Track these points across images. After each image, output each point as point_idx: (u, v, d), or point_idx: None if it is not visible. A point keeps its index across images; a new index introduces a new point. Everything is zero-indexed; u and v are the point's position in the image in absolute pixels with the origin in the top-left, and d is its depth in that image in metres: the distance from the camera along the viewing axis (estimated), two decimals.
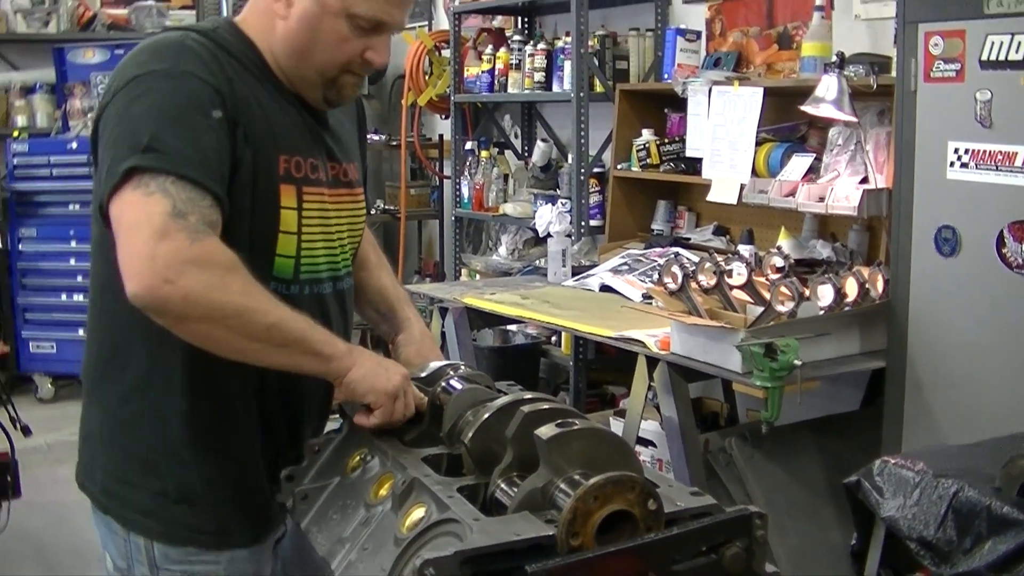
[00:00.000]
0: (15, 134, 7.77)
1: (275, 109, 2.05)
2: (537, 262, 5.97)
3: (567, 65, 5.75)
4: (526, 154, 6.75)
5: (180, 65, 1.91)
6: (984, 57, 3.34)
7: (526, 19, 6.71)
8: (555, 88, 5.96)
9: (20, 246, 7.57)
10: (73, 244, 7.36)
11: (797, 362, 3.37)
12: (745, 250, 4.57)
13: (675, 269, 3.83)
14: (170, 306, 1.79)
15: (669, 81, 5.22)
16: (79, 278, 7.27)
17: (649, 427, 4.23)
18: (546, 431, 1.66)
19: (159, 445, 2.05)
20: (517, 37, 6.30)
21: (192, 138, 1.86)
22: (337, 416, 2.16)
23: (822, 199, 4.27)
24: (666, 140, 5.32)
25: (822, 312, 3.65)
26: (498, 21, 6.93)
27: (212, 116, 1.90)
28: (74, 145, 7.40)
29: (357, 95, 2.25)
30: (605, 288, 4.84)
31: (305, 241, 2.08)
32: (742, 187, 4.64)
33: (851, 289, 3.70)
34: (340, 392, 1.98)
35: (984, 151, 3.37)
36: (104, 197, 1.85)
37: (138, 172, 1.81)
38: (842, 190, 4.20)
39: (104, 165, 1.87)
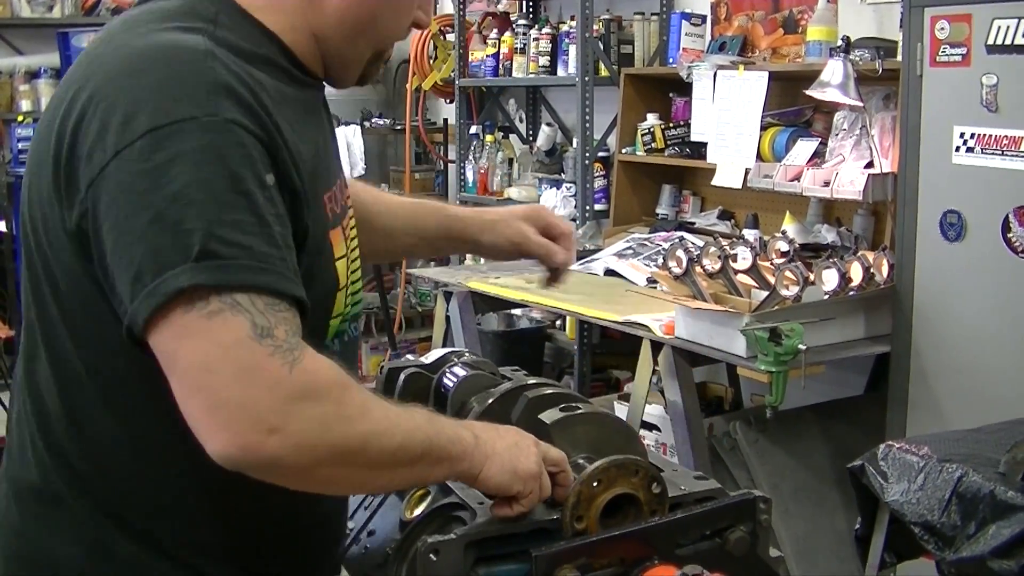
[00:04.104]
0: (20, 119, 7.76)
1: (305, 124, 1.56)
2: None
3: (572, 49, 5.74)
4: (531, 138, 6.74)
5: (221, 110, 1.35)
6: (990, 41, 3.33)
7: (531, 3, 6.68)
8: (560, 72, 5.95)
9: None
10: None
11: (802, 347, 3.37)
12: (750, 235, 4.56)
13: (680, 253, 3.83)
14: (283, 461, 1.33)
15: (674, 65, 5.21)
16: None
17: (653, 411, 4.22)
18: (550, 416, 1.66)
19: None
20: (522, 21, 6.28)
21: (254, 224, 1.34)
22: None
23: (827, 184, 4.27)
24: (671, 124, 5.31)
25: (827, 297, 3.65)
26: (503, 5, 6.90)
27: (268, 184, 1.38)
28: None
29: None
30: (610, 272, 4.84)
31: (350, 286, 1.67)
32: (747, 172, 4.63)
33: (856, 274, 3.70)
34: (478, 488, 1.59)
35: (990, 136, 3.36)
36: (140, 323, 1.32)
37: (194, 289, 1.30)
38: (847, 175, 4.20)
39: (128, 268, 1.33)
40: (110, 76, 1.40)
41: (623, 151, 5.55)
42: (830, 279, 3.65)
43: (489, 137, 6.64)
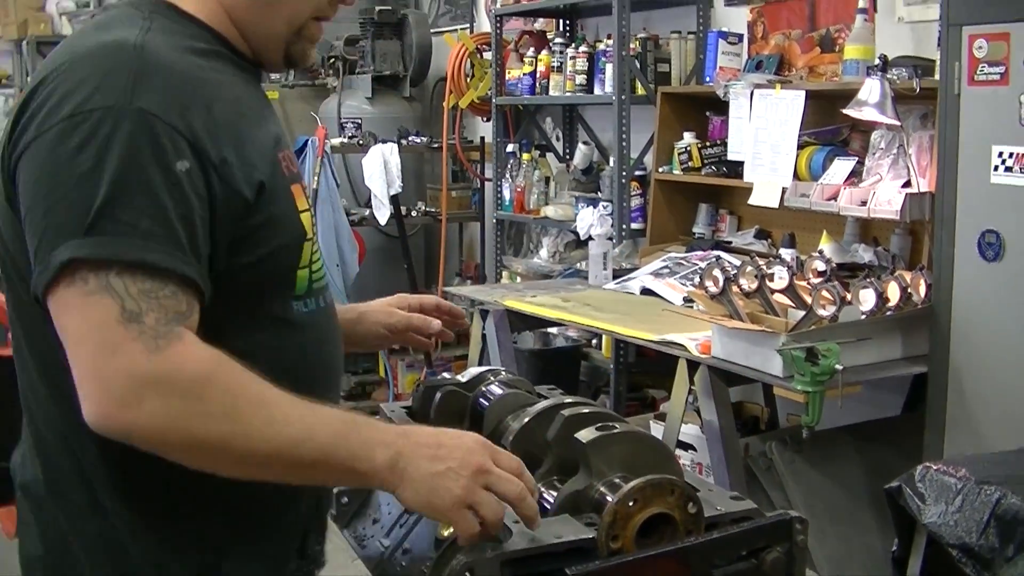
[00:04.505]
0: None
1: (255, 100, 1.71)
2: (578, 265, 5.97)
3: (609, 68, 5.75)
4: (567, 157, 6.75)
5: (135, 99, 1.44)
6: None
7: (568, 22, 6.70)
8: (597, 91, 5.95)
9: None
10: None
11: (838, 366, 3.36)
12: (787, 254, 4.55)
13: (716, 272, 3.82)
14: (137, 435, 1.42)
15: (711, 84, 5.21)
16: None
17: (689, 431, 4.22)
18: (586, 434, 1.66)
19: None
20: (559, 40, 6.29)
21: (149, 206, 1.43)
22: None
23: (864, 203, 4.25)
24: (708, 143, 5.30)
25: (864, 316, 3.64)
26: (540, 24, 6.93)
27: (175, 170, 1.45)
28: None
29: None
30: (646, 291, 4.84)
31: (315, 246, 1.74)
32: (784, 191, 4.62)
33: (893, 293, 3.68)
34: None
35: None
36: (40, 292, 1.43)
37: (76, 264, 1.40)
38: (884, 194, 4.18)
39: (33, 240, 1.45)
40: (49, 75, 1.50)
41: (660, 170, 5.55)
42: (867, 299, 3.64)
43: (526, 155, 6.65)
